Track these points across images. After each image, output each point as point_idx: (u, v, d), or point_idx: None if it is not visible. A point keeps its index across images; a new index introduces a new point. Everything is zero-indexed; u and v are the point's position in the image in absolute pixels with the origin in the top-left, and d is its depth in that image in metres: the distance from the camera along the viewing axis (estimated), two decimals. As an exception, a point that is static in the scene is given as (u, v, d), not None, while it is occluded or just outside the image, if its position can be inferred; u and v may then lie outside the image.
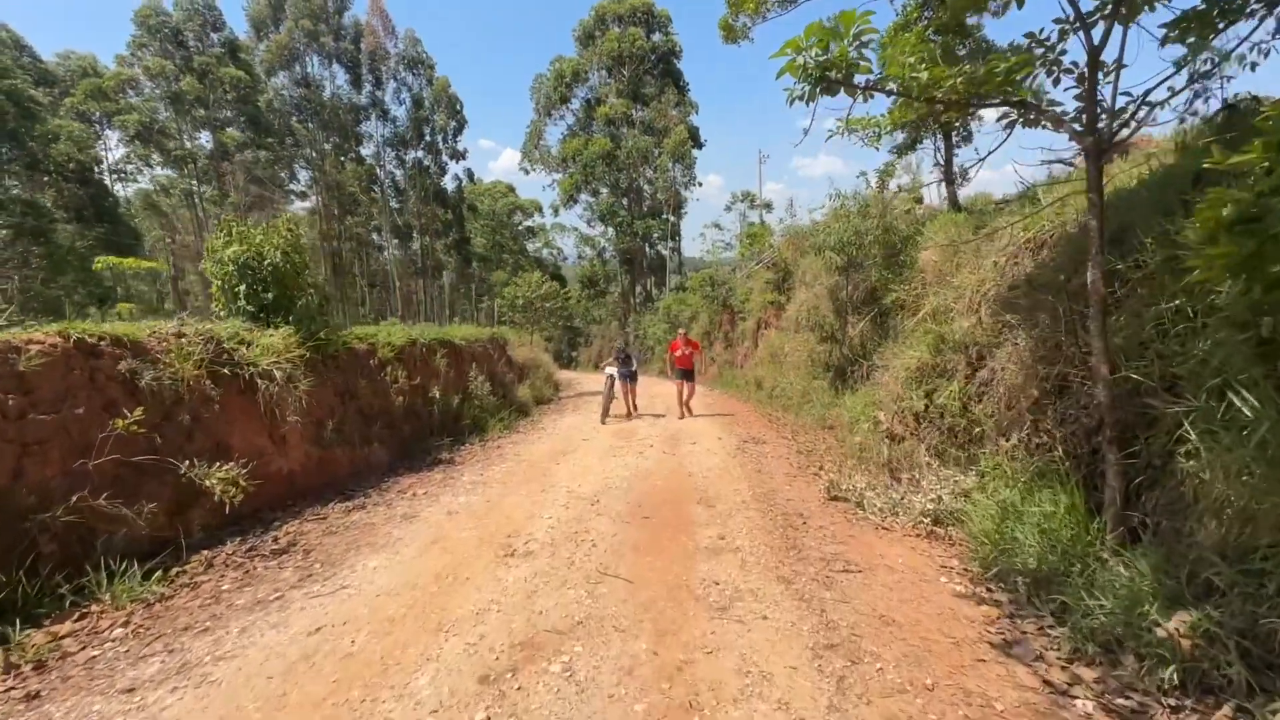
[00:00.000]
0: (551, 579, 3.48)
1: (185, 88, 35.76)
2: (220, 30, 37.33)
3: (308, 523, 4.77)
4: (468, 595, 3.27)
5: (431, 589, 3.34)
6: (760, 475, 6.15)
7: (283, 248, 5.99)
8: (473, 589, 3.35)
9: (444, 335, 9.61)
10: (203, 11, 36.42)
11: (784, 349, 14.16)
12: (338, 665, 2.65)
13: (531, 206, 55.04)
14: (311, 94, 41.09)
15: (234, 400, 5.00)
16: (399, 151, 45.75)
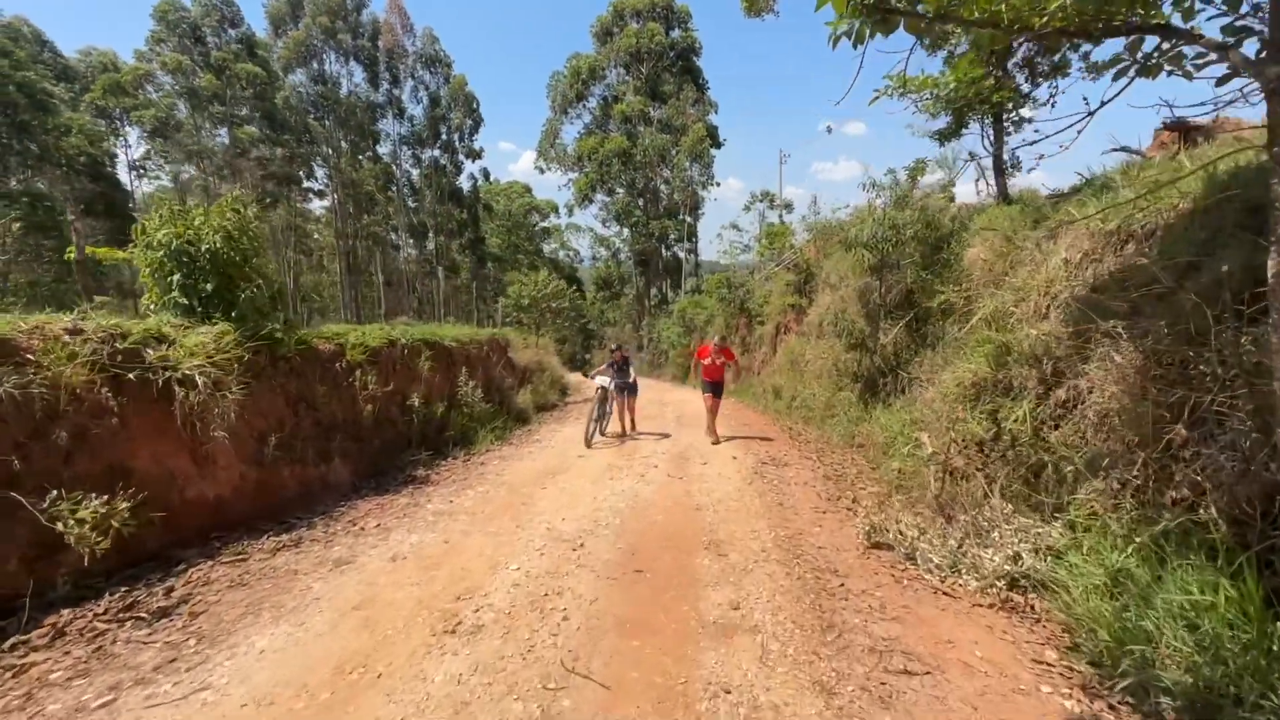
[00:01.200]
0: (497, 680, 2.50)
1: (203, 84, 35.66)
2: (238, 26, 37.21)
3: (222, 565, 3.85)
4: (368, 710, 2.30)
5: (322, 696, 2.38)
6: (782, 510, 5.13)
7: (224, 230, 5.11)
8: (380, 696, 2.38)
9: (432, 335, 8.71)
10: (220, 7, 36.31)
11: (805, 356, 13.12)
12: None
13: (548, 207, 54.51)
14: (328, 91, 40.77)
15: (142, 412, 4.10)
16: (415, 150, 45.38)
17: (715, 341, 8.64)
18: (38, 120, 25.81)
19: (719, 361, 8.49)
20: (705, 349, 8.68)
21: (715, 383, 8.54)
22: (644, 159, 33.31)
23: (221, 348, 4.75)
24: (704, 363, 8.57)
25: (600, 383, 8.70)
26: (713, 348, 8.54)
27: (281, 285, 5.77)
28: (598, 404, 8.57)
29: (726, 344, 9.07)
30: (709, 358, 8.51)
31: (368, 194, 43.84)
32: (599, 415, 8.57)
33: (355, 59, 41.55)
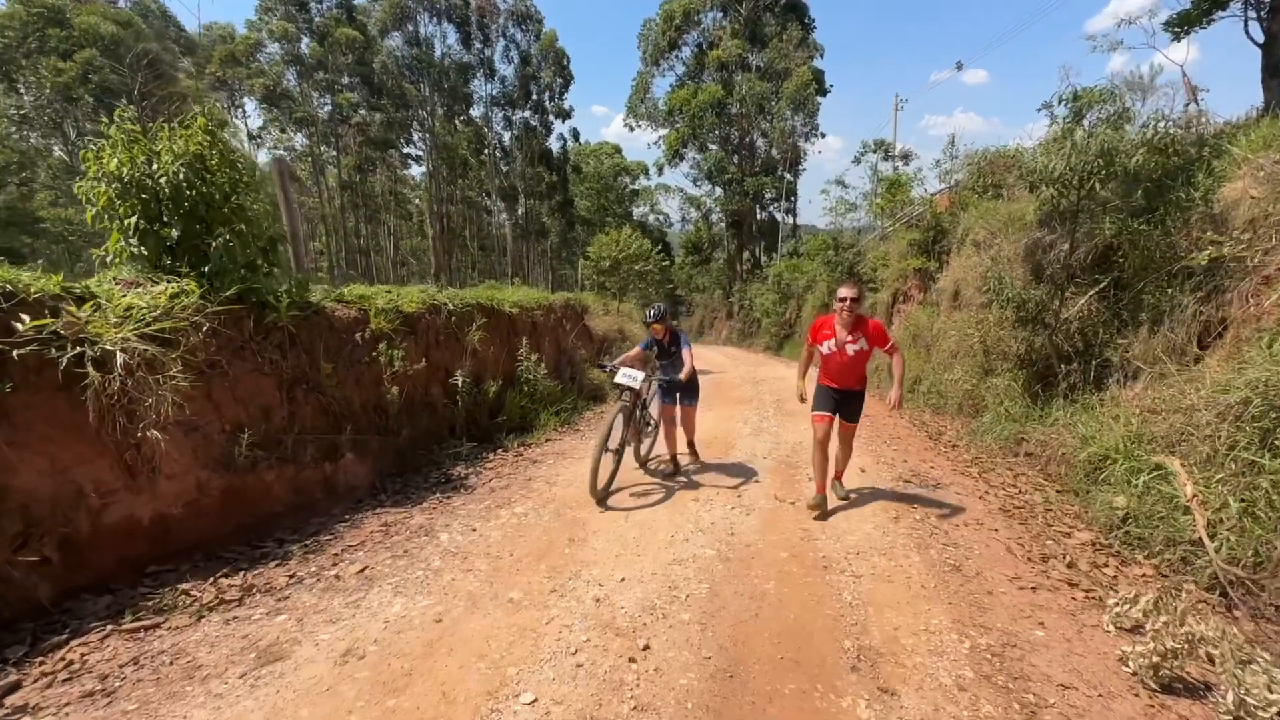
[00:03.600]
0: None
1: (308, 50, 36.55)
2: (338, -9, 37.56)
3: (119, 636, 2.62)
4: None
5: None
6: (964, 581, 3.27)
7: (188, 159, 3.84)
8: None
9: (488, 299, 7.36)
10: (321, -28, 36.73)
11: (933, 330, 10.78)
12: None
13: (637, 168, 52.76)
14: (422, 54, 40.63)
15: (40, 404, 2.92)
16: (506, 112, 44.83)
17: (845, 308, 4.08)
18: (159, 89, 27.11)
19: (858, 350, 4.15)
20: (827, 322, 4.28)
21: (850, 393, 4.32)
22: (740, 110, 30.52)
23: (174, 313, 3.52)
24: (826, 348, 4.24)
25: (624, 381, 4.59)
26: (843, 319, 4.14)
27: (278, 233, 4.50)
28: (617, 419, 4.58)
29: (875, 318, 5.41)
30: (840, 342, 4.18)
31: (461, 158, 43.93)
32: (619, 440, 4.69)
33: (448, 19, 41.12)
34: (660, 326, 4.97)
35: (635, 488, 4.88)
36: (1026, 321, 7.05)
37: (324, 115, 38.52)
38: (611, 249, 14.35)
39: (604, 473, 4.45)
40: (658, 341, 5.07)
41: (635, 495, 4.70)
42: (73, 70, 21.43)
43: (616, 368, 4.81)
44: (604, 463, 4.40)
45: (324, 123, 38.39)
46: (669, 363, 5.11)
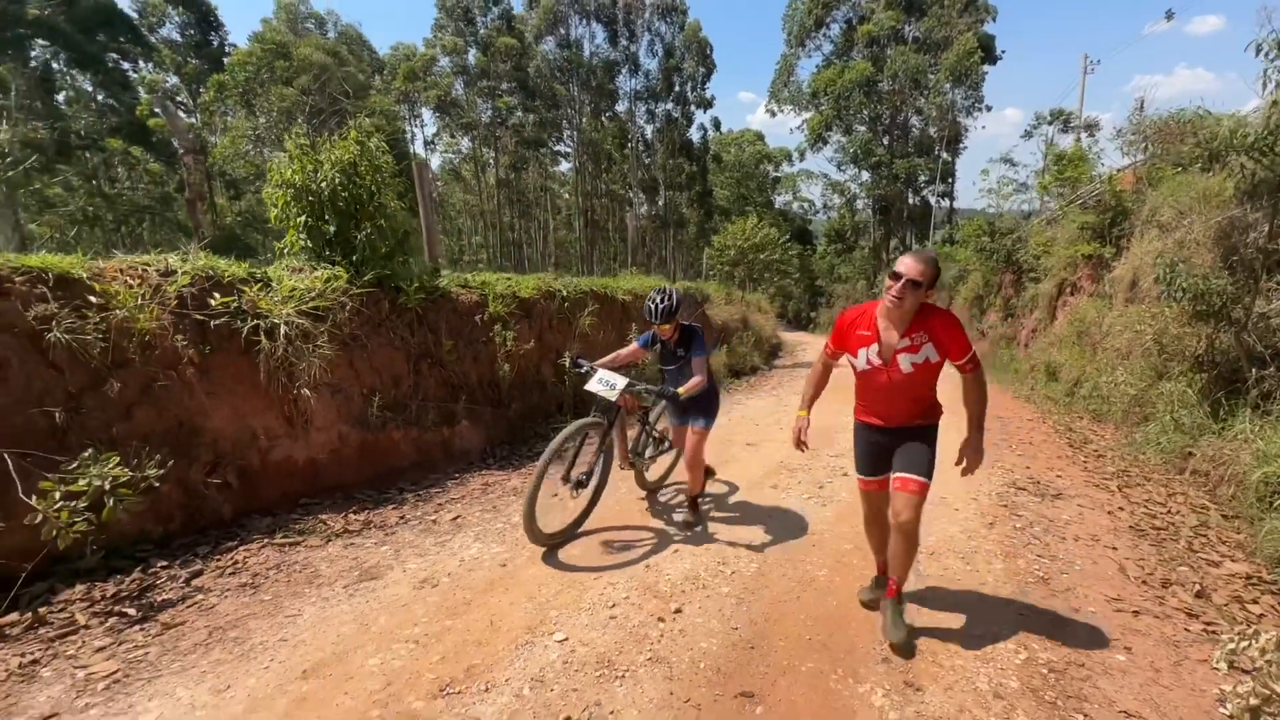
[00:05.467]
0: None
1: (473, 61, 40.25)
2: (499, 3, 40.83)
3: (271, 548, 3.32)
4: None
5: None
6: (1046, 589, 2.98)
7: (342, 166, 4.62)
8: None
9: (602, 287, 7.81)
10: (486, -13, 40.12)
11: (1102, 325, 9.48)
12: None
13: (780, 155, 51.30)
14: (573, 55, 42.81)
15: (228, 364, 3.75)
16: (649, 105, 45.86)
17: (898, 291, 2.35)
18: (354, 107, 31.57)
19: (922, 360, 2.44)
20: (862, 317, 2.56)
21: (909, 432, 2.58)
22: (892, 87, 28.39)
23: (327, 295, 4.27)
24: (862, 361, 2.56)
25: (597, 388, 3.49)
26: (893, 310, 2.40)
27: (410, 228, 5.21)
28: (580, 439, 3.51)
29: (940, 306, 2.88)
30: (887, 349, 2.48)
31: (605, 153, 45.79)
32: (590, 470, 3.52)
33: (596, 19, 42.89)
34: (668, 326, 3.55)
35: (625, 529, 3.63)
36: (1207, 316, 5.99)
37: (485, 119, 42.16)
38: (737, 238, 14.25)
39: (552, 511, 3.40)
40: (663, 342, 3.72)
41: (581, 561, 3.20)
42: (292, 95, 25.62)
43: (593, 369, 3.59)
44: (553, 496, 3.36)
45: (485, 126, 42.02)
46: (675, 370, 3.73)
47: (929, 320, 2.43)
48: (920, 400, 2.56)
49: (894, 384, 2.51)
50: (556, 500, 3.47)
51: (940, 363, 2.46)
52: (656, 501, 4.23)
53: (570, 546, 3.41)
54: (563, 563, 3.20)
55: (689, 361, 3.62)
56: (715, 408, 3.82)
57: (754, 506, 4.14)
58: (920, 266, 2.35)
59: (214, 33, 31.85)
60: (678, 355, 3.70)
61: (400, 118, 37.16)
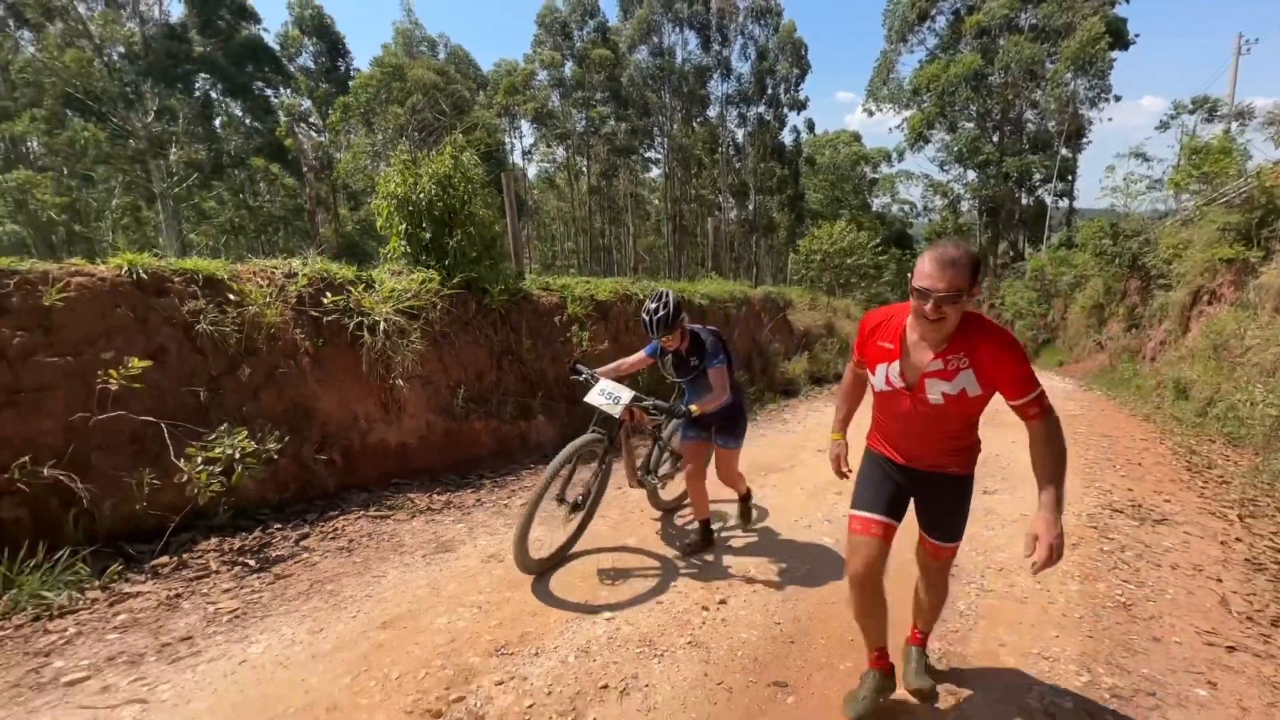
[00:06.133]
0: None
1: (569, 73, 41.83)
2: (595, 16, 42.15)
3: (366, 518, 3.74)
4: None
5: None
6: (1124, 618, 2.79)
7: (438, 178, 5.08)
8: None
9: (679, 291, 7.96)
10: (583, 2, 41.58)
11: (1244, 338, 8.49)
12: None
13: (878, 155, 49.29)
14: (665, 63, 43.41)
15: (333, 355, 4.25)
16: (740, 109, 45.65)
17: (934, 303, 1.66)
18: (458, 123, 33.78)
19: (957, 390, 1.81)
20: (888, 323, 1.95)
21: (933, 479, 2.01)
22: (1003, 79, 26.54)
23: (421, 295, 4.72)
24: (879, 380, 1.95)
25: (598, 402, 3.07)
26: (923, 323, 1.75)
27: (496, 235, 5.62)
28: (576, 459, 3.12)
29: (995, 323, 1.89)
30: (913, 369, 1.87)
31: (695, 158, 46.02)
32: (585, 491, 3.26)
33: (689, 26, 43.23)
34: (669, 337, 3.09)
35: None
36: (1366, 328, 5.24)
37: (579, 129, 43.62)
38: (823, 242, 13.93)
39: (545, 536, 3.28)
40: (673, 351, 3.26)
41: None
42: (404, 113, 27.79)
43: (594, 378, 3.18)
44: (549, 520, 3.26)
45: (578, 135, 43.46)
46: (689, 381, 3.29)
47: (975, 341, 1.75)
48: (954, 441, 1.93)
49: (919, 416, 1.88)
50: (549, 523, 3.23)
51: (984, 398, 1.81)
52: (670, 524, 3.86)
53: (633, 533, 3.58)
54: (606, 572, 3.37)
55: (705, 373, 3.16)
56: (742, 424, 3.40)
57: (816, 510, 4.13)
58: (950, 273, 1.63)
59: (341, 59, 35.17)
60: (691, 364, 3.22)
61: (500, 130, 39.23)
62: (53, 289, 3.13)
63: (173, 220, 22.19)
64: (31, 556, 2.75)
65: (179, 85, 23.62)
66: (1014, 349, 1.76)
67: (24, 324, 3.06)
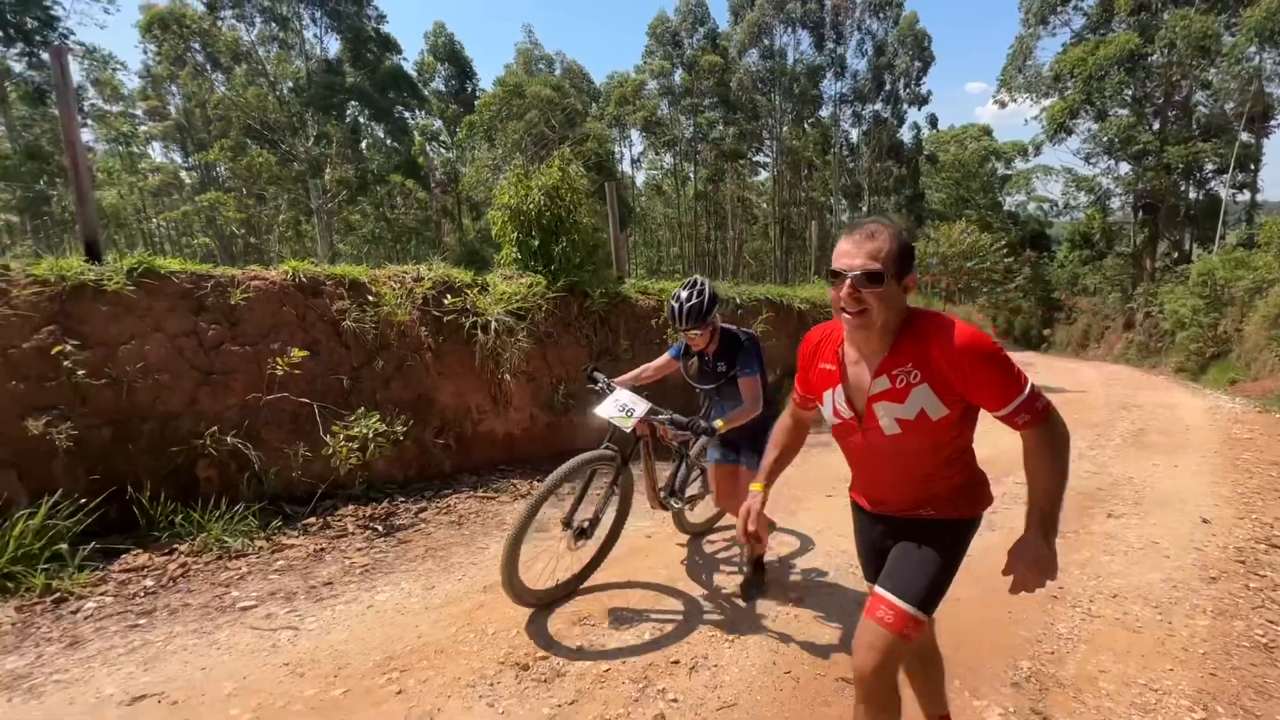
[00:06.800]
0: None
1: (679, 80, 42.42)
2: (705, 24, 42.43)
3: (475, 498, 4.15)
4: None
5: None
6: (1262, 658, 2.50)
7: (546, 189, 5.48)
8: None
9: (779, 294, 7.93)
10: (694, 10, 42.00)
11: None
12: None
13: (1011, 150, 45.42)
14: (776, 64, 42.73)
15: (450, 351, 4.74)
16: (855, 107, 44.00)
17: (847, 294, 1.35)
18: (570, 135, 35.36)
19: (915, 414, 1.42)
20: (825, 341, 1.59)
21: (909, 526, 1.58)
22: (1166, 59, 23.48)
23: (528, 298, 5.13)
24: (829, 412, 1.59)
25: (609, 414, 2.73)
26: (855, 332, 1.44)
27: (599, 241, 5.94)
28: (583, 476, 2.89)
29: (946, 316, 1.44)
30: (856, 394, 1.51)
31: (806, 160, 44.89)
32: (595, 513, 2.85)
33: (802, 25, 42.27)
34: (697, 332, 2.68)
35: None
36: None
37: (687, 135, 44.03)
38: (940, 244, 13.14)
39: (544, 562, 2.79)
40: (699, 354, 2.87)
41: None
42: (522, 128, 29.57)
43: (610, 386, 2.84)
44: (543, 544, 2.84)
45: (686, 142, 43.88)
46: (715, 390, 2.88)
47: (925, 346, 1.37)
48: (927, 479, 1.51)
49: (874, 451, 1.52)
50: (552, 549, 2.84)
51: (956, 419, 1.41)
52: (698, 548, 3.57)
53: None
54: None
55: (734, 381, 2.72)
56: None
57: (908, 521, 4.01)
58: (870, 246, 1.33)
59: (469, 81, 38.05)
60: (718, 371, 2.77)
61: (610, 140, 40.56)
62: (237, 290, 3.81)
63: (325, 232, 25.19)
64: (217, 508, 3.37)
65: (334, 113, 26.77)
66: (979, 346, 1.33)
67: (216, 319, 3.74)
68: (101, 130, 29.95)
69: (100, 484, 3.17)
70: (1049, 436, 1.36)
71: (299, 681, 2.16)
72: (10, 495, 2.92)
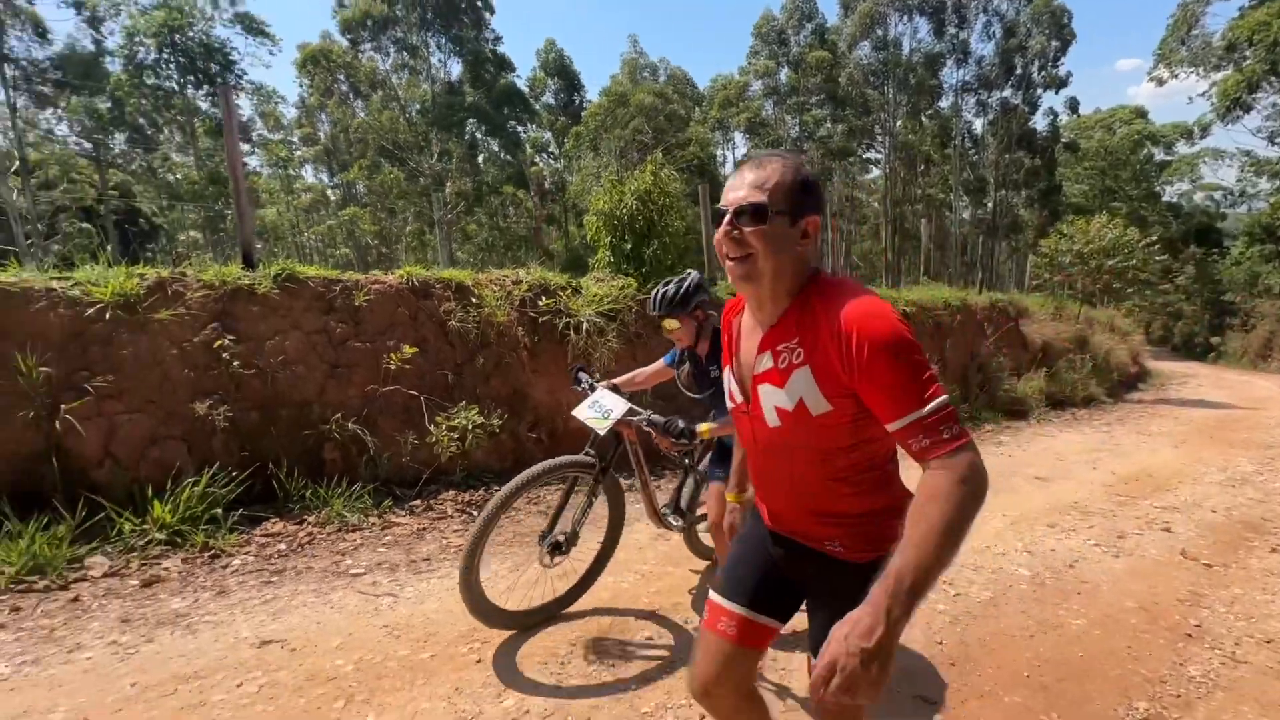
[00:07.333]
0: None
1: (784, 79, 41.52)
2: (813, 19, 41.17)
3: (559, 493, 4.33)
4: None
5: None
6: None
7: (639, 194, 5.61)
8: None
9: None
10: (801, 6, 40.91)
11: None
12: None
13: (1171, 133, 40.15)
14: (890, 55, 40.59)
15: (548, 350, 4.98)
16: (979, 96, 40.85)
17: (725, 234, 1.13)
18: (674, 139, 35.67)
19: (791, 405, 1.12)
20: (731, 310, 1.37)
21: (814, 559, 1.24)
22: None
23: (619, 300, 5.28)
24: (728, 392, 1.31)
25: (586, 416, 2.60)
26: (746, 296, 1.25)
27: (687, 244, 5.98)
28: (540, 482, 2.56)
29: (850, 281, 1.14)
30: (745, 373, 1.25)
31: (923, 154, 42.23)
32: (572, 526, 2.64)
33: (920, 12, 39.86)
34: (676, 324, 2.48)
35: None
36: None
37: (792, 135, 42.90)
38: (1075, 241, 11.84)
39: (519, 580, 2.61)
40: (693, 356, 2.66)
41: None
42: (627, 136, 30.26)
43: (593, 386, 2.69)
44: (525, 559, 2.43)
45: (791, 141, 42.77)
46: (709, 399, 2.63)
47: (816, 314, 1.09)
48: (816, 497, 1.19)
49: (762, 447, 1.25)
50: (528, 567, 2.61)
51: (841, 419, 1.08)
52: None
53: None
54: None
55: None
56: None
57: (1016, 540, 3.68)
58: (754, 176, 1.11)
59: (577, 93, 39.53)
60: (712, 377, 2.49)
61: (713, 144, 40.45)
62: (360, 293, 4.26)
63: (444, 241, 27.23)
64: (338, 486, 3.79)
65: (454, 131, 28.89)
66: (877, 330, 0.99)
67: (343, 318, 4.21)
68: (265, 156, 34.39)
69: (248, 460, 3.68)
70: (952, 480, 0.94)
71: (394, 642, 2.40)
72: (181, 465, 3.47)
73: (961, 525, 0.92)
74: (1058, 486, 4.83)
